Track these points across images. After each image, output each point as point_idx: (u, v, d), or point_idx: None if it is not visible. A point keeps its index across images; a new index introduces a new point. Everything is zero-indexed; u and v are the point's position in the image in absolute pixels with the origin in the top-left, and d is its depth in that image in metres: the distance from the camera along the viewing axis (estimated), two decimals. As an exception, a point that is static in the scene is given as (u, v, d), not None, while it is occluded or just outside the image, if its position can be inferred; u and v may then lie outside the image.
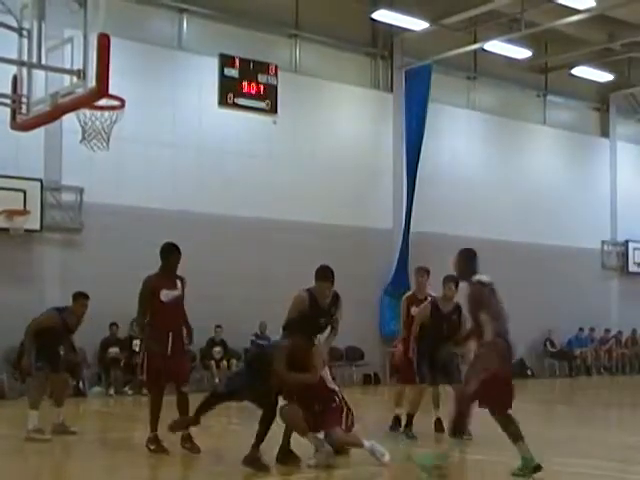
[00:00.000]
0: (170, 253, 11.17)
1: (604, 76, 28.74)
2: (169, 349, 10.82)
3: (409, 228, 24.70)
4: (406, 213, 24.78)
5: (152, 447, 10.82)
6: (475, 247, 10.19)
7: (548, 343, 28.32)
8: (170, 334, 10.88)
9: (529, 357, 27.82)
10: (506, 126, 28.22)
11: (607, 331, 29.93)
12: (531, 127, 29.15)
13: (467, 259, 10.31)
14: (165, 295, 10.91)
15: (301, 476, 9.75)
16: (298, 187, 22.95)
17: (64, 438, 12.37)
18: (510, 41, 24.96)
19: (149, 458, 10.68)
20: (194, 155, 21.42)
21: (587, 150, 30.84)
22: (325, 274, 10.62)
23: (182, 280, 11.16)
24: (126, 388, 19.62)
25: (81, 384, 19.23)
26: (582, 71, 28.22)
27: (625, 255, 31.02)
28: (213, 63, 21.58)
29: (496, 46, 25.32)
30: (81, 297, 12.98)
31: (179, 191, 20.95)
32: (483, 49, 25.62)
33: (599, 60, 27.97)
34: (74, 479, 10.20)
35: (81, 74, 10.44)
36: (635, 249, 31.08)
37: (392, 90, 25.53)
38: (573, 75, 28.46)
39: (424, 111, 24.89)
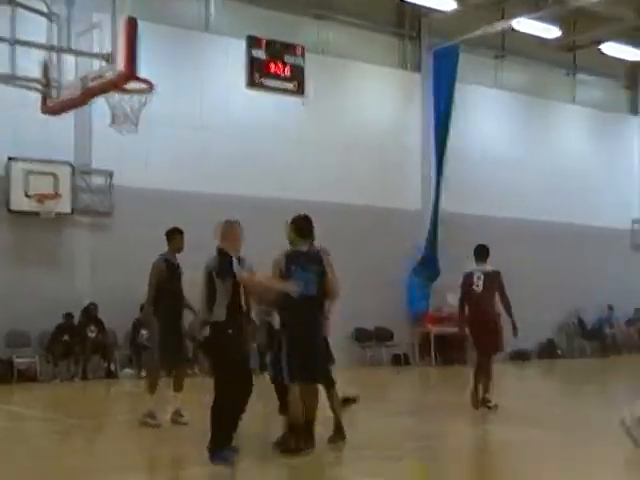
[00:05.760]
0: None
1: (633, 53, 28.47)
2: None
3: (437, 208, 24.64)
4: (435, 193, 24.71)
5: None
6: (503, 227, 10.28)
7: (578, 323, 28.22)
8: None
9: (559, 337, 27.76)
10: (535, 105, 28.04)
11: (637, 310, 29.80)
12: (560, 106, 28.96)
13: None
14: None
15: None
16: (326, 168, 22.92)
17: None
18: (538, 19, 24.74)
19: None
20: (222, 137, 21.45)
21: (616, 128, 30.60)
22: (302, 232, 10.25)
23: None
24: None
25: (112, 366, 19.42)
26: (611, 48, 27.95)
27: (655, 234, 30.82)
28: (240, 45, 21.62)
29: (524, 24, 25.10)
30: (176, 232, 12.39)
31: (208, 173, 20.98)
32: (511, 28, 25.42)
33: (628, 37, 27.68)
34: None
35: (109, 58, 10.52)
36: (663, 227, 30.87)
37: (420, 70, 25.44)
38: (602, 53, 28.19)
39: (452, 91, 24.79)
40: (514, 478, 9.47)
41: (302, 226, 10.09)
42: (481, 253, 14.24)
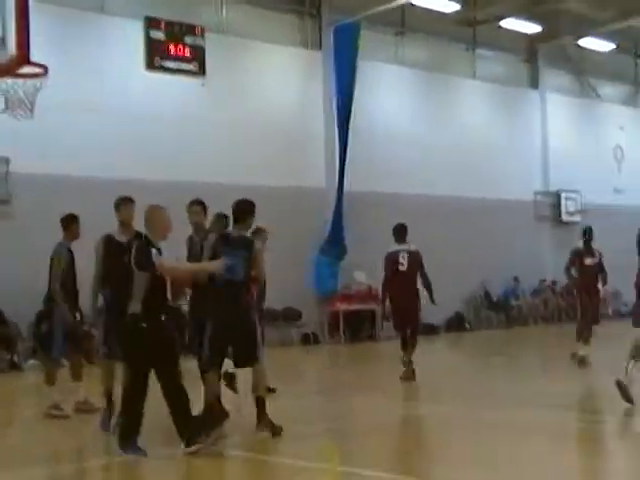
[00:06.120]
0: None
1: (532, 27, 28.81)
2: None
3: (342, 186, 24.63)
4: (339, 171, 24.69)
5: None
6: (408, 203, 10.42)
7: (484, 295, 28.58)
8: None
9: (466, 310, 28.09)
10: (436, 81, 28.21)
11: (542, 281, 30.32)
12: (461, 81, 29.20)
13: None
14: None
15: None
16: (229, 149, 22.71)
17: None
18: (438, -5, 24.93)
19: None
20: (122, 121, 20.97)
21: (517, 102, 31.02)
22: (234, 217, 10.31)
23: None
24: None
25: (15, 357, 18.98)
26: (510, 23, 28.24)
27: (557, 205, 31.35)
28: (138, 26, 21.24)
29: (424, 0, 25.24)
30: (72, 219, 12.15)
31: (108, 158, 20.53)
32: (411, 4, 25.49)
33: (527, 12, 27.98)
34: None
35: (1, 41, 10.19)
36: (567, 199, 31.44)
37: (321, 48, 25.34)
38: (501, 27, 28.48)
39: (354, 68, 24.76)
40: (426, 451, 9.52)
41: (234, 210, 10.14)
42: (401, 232, 14.78)
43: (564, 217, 31.29)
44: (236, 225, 10.14)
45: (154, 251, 9.07)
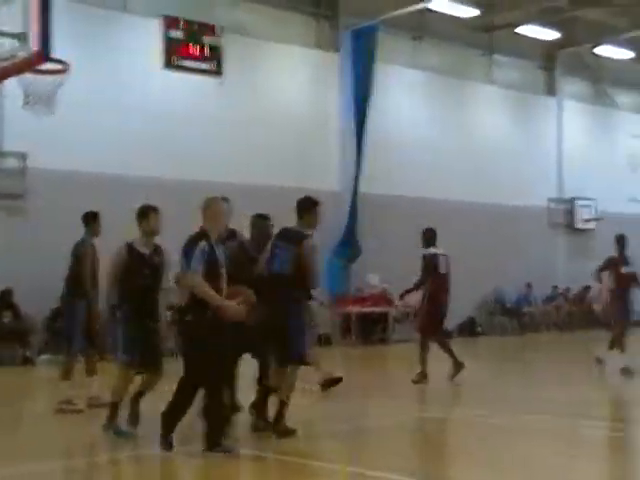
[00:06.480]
0: None
1: (550, 34, 28.75)
2: None
3: (357, 190, 24.63)
4: (354, 174, 24.70)
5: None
6: (422, 207, 10.51)
7: (497, 301, 28.54)
8: None
9: (479, 315, 28.05)
10: (452, 86, 28.19)
11: (555, 288, 30.25)
12: (478, 86, 29.17)
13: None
14: None
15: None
16: (244, 149, 22.74)
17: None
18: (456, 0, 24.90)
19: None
20: (140, 118, 21.05)
21: (534, 109, 30.98)
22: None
23: None
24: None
25: (28, 352, 19.05)
26: (528, 29, 28.20)
27: (571, 212, 31.29)
28: (157, 25, 21.32)
29: (442, 5, 25.23)
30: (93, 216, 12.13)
31: (126, 156, 20.59)
32: (429, 9, 25.48)
33: (545, 18, 27.95)
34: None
35: (22, 37, 10.22)
36: (581, 206, 31.37)
37: (338, 50, 25.35)
38: (519, 34, 28.45)
39: (370, 71, 24.78)
40: (437, 453, 9.53)
41: (296, 207, 10.42)
42: (433, 237, 15.22)
43: (578, 224, 31.21)
44: (298, 221, 10.37)
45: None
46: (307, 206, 10.31)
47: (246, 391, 10.92)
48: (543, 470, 8.52)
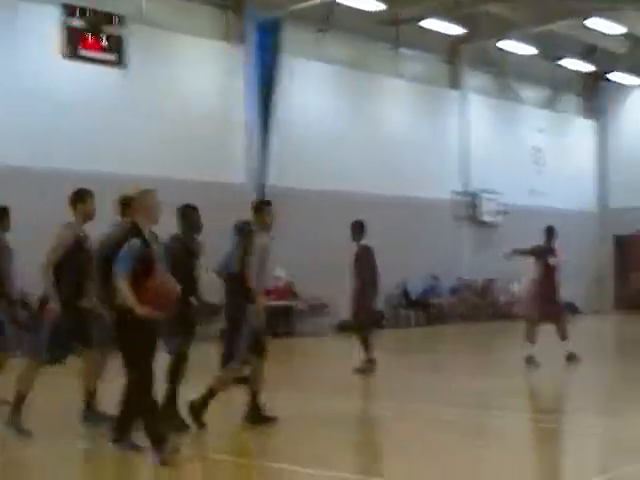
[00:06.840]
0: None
1: (455, 29, 28.96)
2: None
3: (264, 182, 24.47)
4: (259, 167, 24.53)
5: None
6: (329, 200, 10.48)
7: (403, 293, 28.63)
8: None
9: (385, 308, 28.08)
10: (359, 78, 28.19)
11: (460, 280, 30.52)
12: (384, 79, 29.21)
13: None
14: None
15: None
16: (148, 141, 22.38)
17: None
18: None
19: None
20: (36, 108, 20.49)
21: (439, 102, 31.17)
22: None
23: None
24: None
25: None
26: (433, 23, 28.34)
27: (475, 205, 31.57)
28: (56, 13, 20.80)
29: (349, -2, 25.24)
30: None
31: (21, 146, 20.05)
32: (335, 2, 25.42)
33: (450, 13, 28.11)
34: None
35: None
36: (485, 199, 31.67)
37: (244, 43, 25.12)
38: (424, 28, 28.57)
39: (276, 64, 24.63)
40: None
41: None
42: (364, 228, 16.34)
43: (483, 217, 31.51)
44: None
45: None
46: (259, 207, 10.86)
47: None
48: (448, 456, 8.52)
